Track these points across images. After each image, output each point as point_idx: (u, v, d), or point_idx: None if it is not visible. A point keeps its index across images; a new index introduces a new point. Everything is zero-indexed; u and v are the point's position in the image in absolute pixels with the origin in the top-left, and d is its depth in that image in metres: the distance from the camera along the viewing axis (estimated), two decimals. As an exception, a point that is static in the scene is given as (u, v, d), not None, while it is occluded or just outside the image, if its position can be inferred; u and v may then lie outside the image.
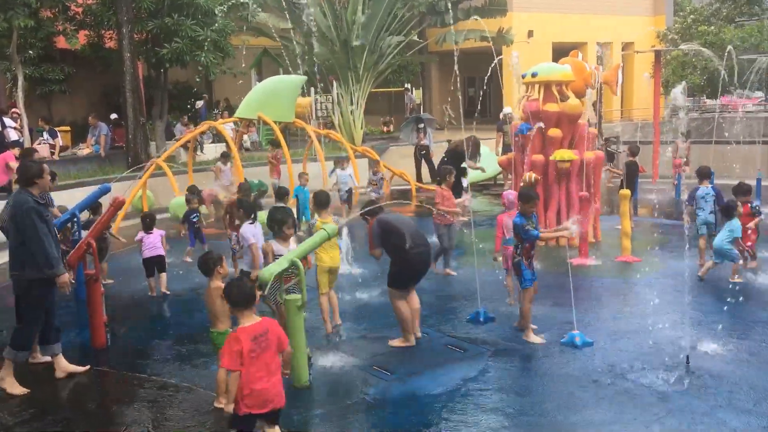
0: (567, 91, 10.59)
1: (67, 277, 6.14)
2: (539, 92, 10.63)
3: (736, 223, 8.65)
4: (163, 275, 9.17)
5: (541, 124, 10.43)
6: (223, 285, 5.54)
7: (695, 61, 24.91)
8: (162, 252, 9.10)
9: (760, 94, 32.20)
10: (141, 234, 9.14)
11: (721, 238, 8.61)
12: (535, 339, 6.85)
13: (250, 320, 4.49)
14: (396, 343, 6.92)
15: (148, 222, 9.16)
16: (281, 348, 4.51)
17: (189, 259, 10.62)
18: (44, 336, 6.33)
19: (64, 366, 6.38)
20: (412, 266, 6.81)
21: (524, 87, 10.95)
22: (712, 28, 26.46)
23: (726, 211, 8.80)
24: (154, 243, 9.05)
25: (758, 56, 17.57)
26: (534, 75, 10.55)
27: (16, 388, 6.05)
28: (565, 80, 10.62)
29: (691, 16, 29.07)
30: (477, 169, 13.94)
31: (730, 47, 15.69)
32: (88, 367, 6.52)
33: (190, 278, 9.64)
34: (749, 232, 9.07)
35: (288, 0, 21.35)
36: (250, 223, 7.53)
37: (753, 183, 14.20)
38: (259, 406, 4.41)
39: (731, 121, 19.77)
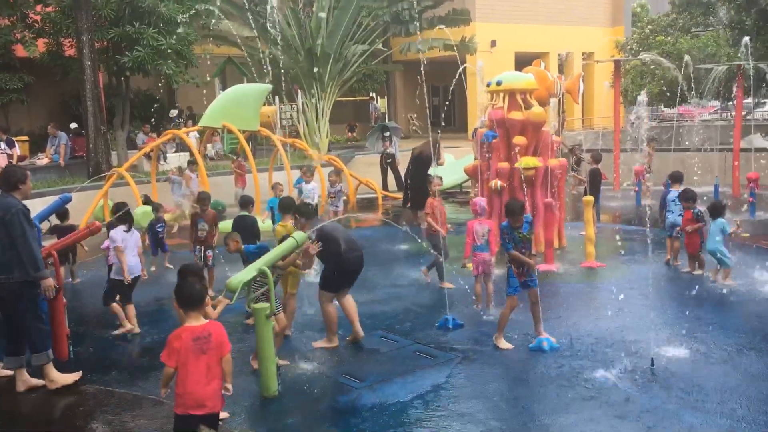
0: (531, 99, 10.73)
1: (51, 280, 6.16)
2: (504, 100, 10.74)
3: (722, 222, 8.85)
4: None
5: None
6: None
7: (654, 70, 25.48)
8: None
9: (716, 103, 33.06)
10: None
11: (714, 242, 8.81)
12: (505, 345, 6.89)
13: (196, 321, 4.52)
14: (320, 343, 7.08)
15: None
16: (221, 353, 4.51)
17: (153, 269, 10.55)
18: (13, 347, 6.19)
19: (25, 379, 6.23)
20: (346, 269, 7.02)
21: (489, 95, 11.06)
22: (669, 38, 27.09)
23: (714, 210, 8.97)
24: None
25: (714, 66, 18.03)
26: (498, 83, 10.65)
27: (66, 378, 6.28)
28: (529, 89, 10.74)
29: (649, 27, 29.70)
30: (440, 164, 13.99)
31: (687, 57, 16.09)
32: (49, 381, 6.38)
33: (154, 288, 9.52)
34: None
35: (252, 8, 21.26)
36: (125, 231, 7.86)
37: (710, 189, 14.66)
38: (195, 408, 4.42)
39: (689, 130, 20.29)
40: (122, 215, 8.02)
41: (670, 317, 7.63)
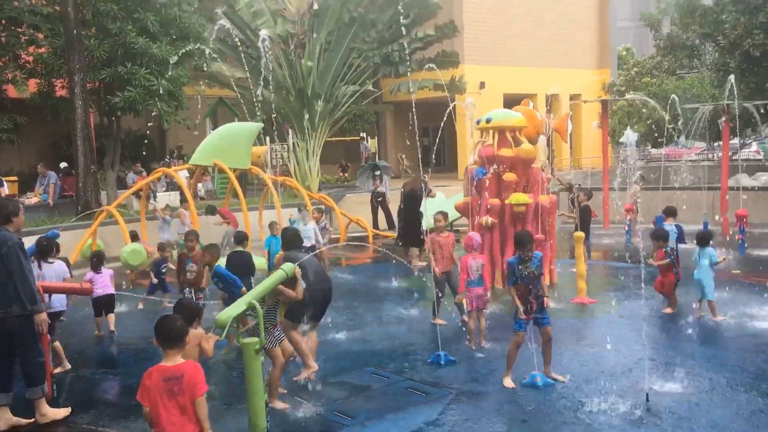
0: (520, 136, 10.81)
1: (45, 315, 6.12)
2: (494, 138, 10.82)
3: (710, 251, 8.87)
4: (111, 315, 9.00)
5: (496, 167, 10.59)
6: (202, 331, 5.45)
7: (641, 110, 25.84)
8: (112, 291, 8.96)
9: (701, 144, 33.47)
10: (90, 274, 8.95)
11: (704, 273, 8.78)
12: (509, 384, 6.74)
13: (170, 361, 4.39)
14: (303, 374, 6.81)
15: (96, 261, 9.01)
16: (193, 396, 4.34)
17: (141, 306, 10.47)
18: (1, 383, 6.08)
19: (7, 418, 6.09)
20: (313, 302, 6.91)
21: (478, 133, 11.14)
22: (655, 80, 27.51)
23: (702, 240, 8.98)
24: (104, 282, 8.88)
25: (700, 106, 18.29)
26: (488, 121, 10.74)
27: (57, 413, 6.27)
28: (519, 126, 10.84)
29: (635, 69, 30.24)
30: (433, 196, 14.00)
31: (673, 96, 16.32)
32: (33, 419, 6.22)
33: (141, 326, 9.39)
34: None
35: (244, 50, 21.48)
36: (50, 263, 7.78)
37: (700, 227, 14.72)
38: None
39: (676, 170, 20.50)
40: (39, 248, 7.86)
41: (663, 353, 7.58)
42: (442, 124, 13.30)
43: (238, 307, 5.74)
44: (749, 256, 13.49)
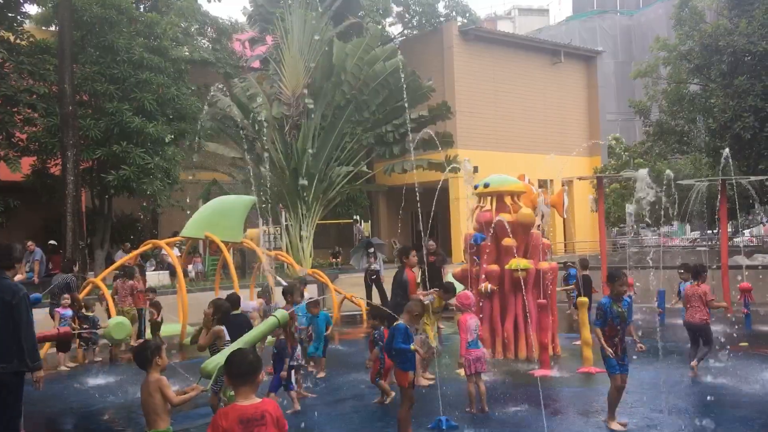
0: (519, 201, 10.62)
1: (43, 372, 5.78)
2: (492, 203, 10.62)
3: None
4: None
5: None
6: (163, 377, 5.01)
7: (635, 190, 25.82)
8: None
9: (695, 235, 33.52)
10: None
11: None
12: (617, 426, 6.57)
13: (246, 399, 3.89)
14: None
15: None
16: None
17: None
18: None
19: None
20: None
21: (476, 197, 10.97)
22: (646, 162, 27.71)
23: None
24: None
25: (696, 182, 18.24)
26: (486, 185, 10.58)
27: None
28: (517, 191, 10.67)
29: (626, 153, 30.54)
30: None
31: (668, 171, 16.29)
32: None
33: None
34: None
35: (238, 132, 21.64)
36: None
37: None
38: None
39: (673, 254, 20.33)
40: None
41: (675, 419, 7.14)
42: (436, 196, 13.14)
43: (225, 355, 5.32)
44: (756, 330, 13.07)
